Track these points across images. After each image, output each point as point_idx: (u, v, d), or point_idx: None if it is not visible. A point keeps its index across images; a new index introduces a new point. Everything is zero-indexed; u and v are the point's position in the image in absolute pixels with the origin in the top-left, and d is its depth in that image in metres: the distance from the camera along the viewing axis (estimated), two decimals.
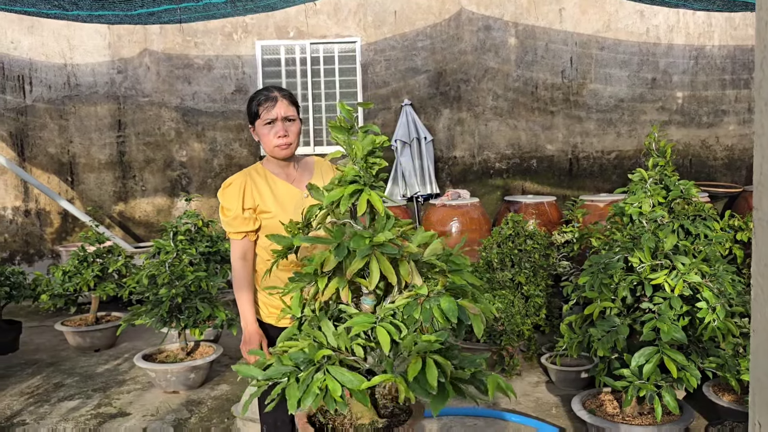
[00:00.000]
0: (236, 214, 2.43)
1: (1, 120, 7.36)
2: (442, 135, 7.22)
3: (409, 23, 7.10)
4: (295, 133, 2.44)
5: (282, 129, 2.40)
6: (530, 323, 4.29)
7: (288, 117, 2.41)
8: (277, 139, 2.40)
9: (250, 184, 2.45)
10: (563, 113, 7.12)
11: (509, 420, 3.62)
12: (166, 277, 4.12)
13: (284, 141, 2.41)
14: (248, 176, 2.48)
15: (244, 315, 2.49)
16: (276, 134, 2.39)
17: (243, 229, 2.44)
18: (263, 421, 2.60)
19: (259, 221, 2.46)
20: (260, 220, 2.46)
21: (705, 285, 2.91)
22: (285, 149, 2.43)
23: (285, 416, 2.57)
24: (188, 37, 7.25)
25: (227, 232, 2.49)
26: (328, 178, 2.54)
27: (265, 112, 2.39)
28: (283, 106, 2.40)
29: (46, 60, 7.31)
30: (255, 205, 2.44)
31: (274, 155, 2.46)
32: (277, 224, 2.42)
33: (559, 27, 7.01)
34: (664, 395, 2.84)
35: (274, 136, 2.40)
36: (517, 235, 4.45)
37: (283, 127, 2.40)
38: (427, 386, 1.52)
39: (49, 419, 3.82)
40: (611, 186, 7.06)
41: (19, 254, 7.56)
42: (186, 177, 7.45)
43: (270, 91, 2.43)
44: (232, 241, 2.49)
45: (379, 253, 1.66)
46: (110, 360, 4.96)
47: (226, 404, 3.98)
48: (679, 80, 7.01)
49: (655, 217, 3.28)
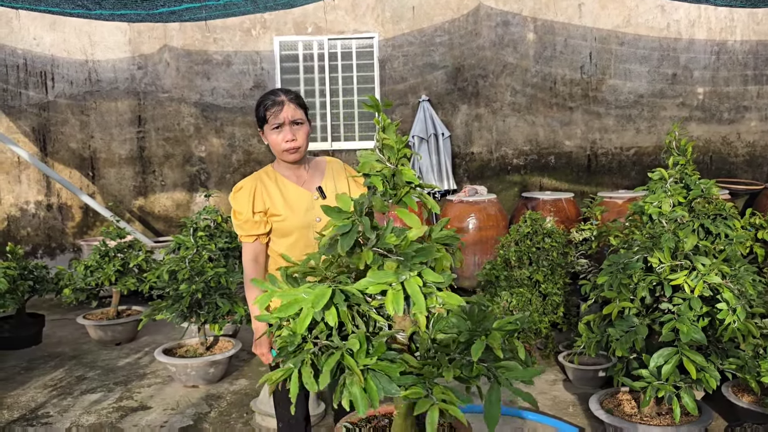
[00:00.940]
0: (247, 218, 2.44)
1: (23, 115, 7.48)
2: (459, 131, 7.21)
3: (427, 19, 7.09)
4: (303, 137, 2.43)
5: (290, 133, 2.39)
6: (548, 321, 4.29)
7: (296, 120, 2.40)
8: (286, 143, 2.39)
9: (260, 188, 2.47)
10: (582, 109, 7.07)
11: (526, 418, 3.63)
12: (186, 273, 4.17)
13: (292, 145, 2.40)
14: (258, 180, 2.49)
15: (254, 317, 2.52)
16: (284, 138, 2.39)
17: (253, 232, 2.46)
18: (279, 418, 2.64)
19: (270, 224, 2.47)
20: (271, 222, 2.47)
21: (725, 286, 2.88)
22: (294, 153, 2.42)
23: (300, 414, 2.61)
24: (207, 33, 7.30)
25: (239, 236, 2.51)
26: (340, 178, 2.55)
27: (272, 117, 2.38)
28: (290, 109, 2.38)
29: (67, 56, 7.40)
30: (265, 208, 2.45)
31: (283, 159, 2.46)
32: (287, 227, 2.45)
33: (579, 22, 6.95)
34: (682, 396, 2.83)
35: (282, 140, 2.39)
36: (535, 233, 4.44)
37: (291, 131, 2.39)
38: None
39: (72, 412, 3.90)
40: (630, 182, 7.00)
41: (41, 248, 7.68)
42: (205, 172, 7.51)
43: (277, 95, 2.41)
44: (244, 244, 2.51)
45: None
46: (131, 354, 5.04)
47: (245, 399, 4.03)
48: (700, 76, 6.92)
49: (675, 217, 3.25)
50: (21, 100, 7.45)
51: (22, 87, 7.44)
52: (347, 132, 7.34)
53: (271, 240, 2.51)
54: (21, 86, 7.44)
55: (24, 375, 4.58)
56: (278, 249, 2.48)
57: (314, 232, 2.43)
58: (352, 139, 7.36)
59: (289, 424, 2.60)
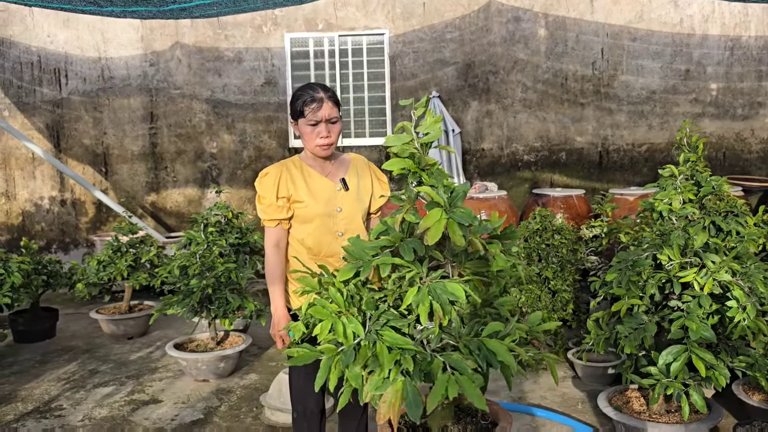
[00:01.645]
0: (270, 202, 2.52)
1: (38, 112, 7.56)
2: (470, 127, 7.20)
3: (438, 15, 7.07)
4: (336, 134, 2.51)
5: (325, 130, 2.47)
6: (557, 318, 4.28)
7: (331, 119, 2.47)
8: (320, 139, 2.48)
9: (285, 175, 2.54)
10: (593, 105, 7.03)
11: (536, 415, 3.63)
12: (197, 268, 4.21)
13: (326, 141, 2.48)
14: (284, 167, 2.56)
15: (273, 300, 2.58)
16: (319, 134, 2.47)
17: (276, 216, 2.52)
18: (294, 408, 2.67)
19: (293, 210, 2.54)
20: (293, 209, 2.54)
21: (735, 283, 2.86)
22: (326, 149, 2.51)
23: (315, 406, 2.63)
24: (219, 30, 7.33)
25: (262, 220, 2.58)
26: (363, 175, 2.63)
27: (310, 113, 2.44)
28: (328, 108, 2.45)
29: (81, 53, 7.47)
30: (289, 194, 2.52)
31: (314, 153, 2.54)
32: (309, 213, 2.52)
33: (591, 18, 6.91)
34: (691, 394, 2.82)
35: (317, 136, 2.47)
36: (545, 229, 4.43)
37: (326, 129, 2.47)
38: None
39: (85, 405, 3.95)
40: (642, 179, 6.96)
41: (55, 243, 7.77)
42: (216, 168, 7.56)
43: (316, 91, 2.46)
44: (267, 230, 2.58)
45: None
46: (143, 348, 5.09)
47: (254, 393, 4.06)
48: (713, 71, 6.86)
49: (685, 214, 3.24)
50: (35, 96, 7.53)
51: (36, 84, 7.52)
52: (357, 129, 7.35)
53: (293, 226, 2.58)
54: (35, 83, 7.52)
55: (38, 368, 4.65)
56: (298, 235, 2.56)
57: (334, 221, 2.53)
58: (362, 135, 7.37)
59: (305, 414, 2.64)
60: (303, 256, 2.55)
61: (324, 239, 2.53)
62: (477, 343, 1.77)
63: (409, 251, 1.81)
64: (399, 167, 1.86)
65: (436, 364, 1.68)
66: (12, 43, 7.48)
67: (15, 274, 4.63)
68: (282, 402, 3.57)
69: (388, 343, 1.71)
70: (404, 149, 1.87)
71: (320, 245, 2.54)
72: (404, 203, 1.88)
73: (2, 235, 7.78)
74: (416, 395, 1.64)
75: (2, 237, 7.77)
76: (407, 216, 1.85)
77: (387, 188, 2.70)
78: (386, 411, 1.63)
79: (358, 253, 1.90)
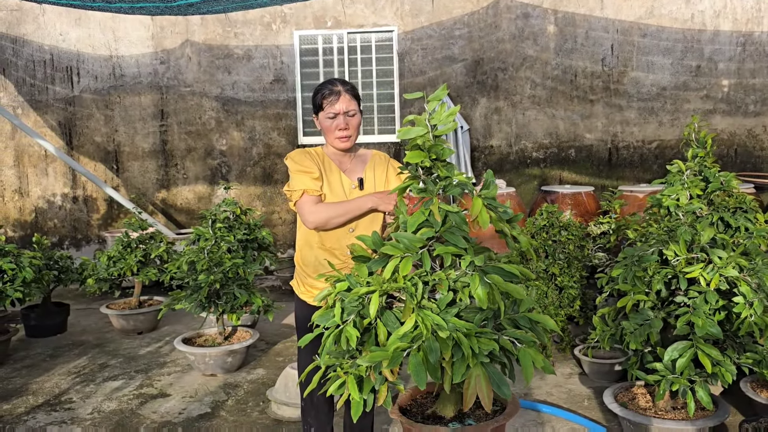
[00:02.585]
0: (314, 175, 2.49)
1: (50, 110, 7.64)
2: (478, 124, 7.18)
3: (447, 11, 7.06)
4: (355, 126, 2.56)
5: (343, 123, 2.53)
6: (564, 314, 4.27)
7: (349, 112, 2.53)
8: (339, 131, 2.53)
9: (315, 157, 2.58)
10: (603, 102, 6.99)
11: (543, 411, 3.62)
12: (204, 264, 4.24)
13: (344, 134, 2.54)
14: (309, 153, 2.61)
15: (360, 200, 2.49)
16: (337, 127, 2.52)
17: (318, 187, 2.50)
18: (303, 398, 2.70)
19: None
20: None
21: (742, 279, 2.84)
22: (345, 141, 2.55)
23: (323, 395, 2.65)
24: (228, 27, 7.37)
25: (306, 189, 2.49)
26: (379, 169, 2.66)
27: (328, 105, 2.51)
28: (345, 100, 2.52)
29: (92, 52, 7.54)
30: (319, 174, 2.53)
31: (334, 146, 2.59)
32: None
33: (600, 14, 6.87)
34: (697, 390, 2.81)
35: (335, 128, 2.53)
36: (552, 225, 4.42)
37: (344, 121, 2.53)
38: None
39: (94, 398, 3.99)
40: (652, 176, 6.91)
41: (67, 239, 7.85)
42: (226, 165, 7.60)
43: (334, 84, 2.54)
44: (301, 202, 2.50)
45: None
46: (152, 343, 5.14)
47: (261, 388, 4.08)
48: (725, 68, 6.80)
49: (692, 209, 3.22)
50: (48, 94, 7.61)
51: (48, 82, 7.60)
52: (366, 126, 7.36)
53: None
54: (48, 81, 7.60)
55: (49, 362, 4.70)
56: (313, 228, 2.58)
57: None
58: (371, 132, 7.38)
59: (312, 402, 2.67)
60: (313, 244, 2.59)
61: (334, 233, 2.55)
62: (525, 318, 1.91)
63: (460, 239, 1.88)
64: (418, 159, 1.90)
65: (503, 342, 1.81)
66: (25, 41, 7.56)
67: (26, 269, 4.68)
68: (288, 396, 3.59)
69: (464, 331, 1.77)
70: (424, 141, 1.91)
71: (329, 237, 2.56)
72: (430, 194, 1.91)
73: (16, 231, 7.87)
74: (501, 376, 1.79)
75: (16, 233, 7.87)
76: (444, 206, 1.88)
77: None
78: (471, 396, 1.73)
79: (406, 245, 1.92)
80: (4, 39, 7.58)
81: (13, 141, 7.75)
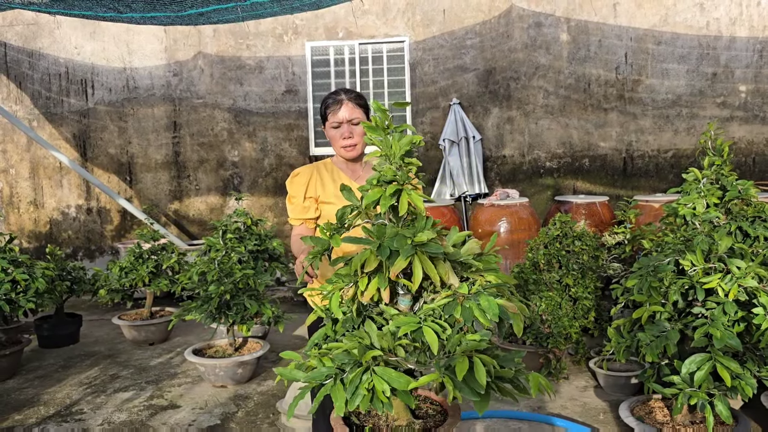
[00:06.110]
0: (297, 202, 2.58)
1: (65, 122, 7.71)
2: (491, 134, 7.14)
3: (458, 21, 7.05)
4: (360, 135, 2.53)
5: (347, 131, 2.51)
6: (578, 326, 4.19)
7: (353, 120, 2.51)
8: (343, 140, 2.52)
9: (315, 176, 2.59)
10: (617, 110, 6.92)
11: (557, 425, 3.55)
12: (215, 274, 4.22)
13: (349, 142, 2.52)
14: (315, 169, 2.62)
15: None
16: (341, 135, 2.51)
17: (301, 216, 2.59)
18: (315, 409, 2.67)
19: (320, 211, 2.58)
20: (321, 210, 2.58)
21: (762, 290, 2.77)
22: (350, 150, 2.54)
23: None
24: (240, 39, 7.41)
25: (289, 218, 2.64)
26: None
27: (331, 114, 2.51)
28: (348, 109, 2.50)
29: (106, 64, 7.61)
30: (316, 195, 2.56)
31: (341, 155, 2.58)
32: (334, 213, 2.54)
33: (614, 22, 6.82)
34: (716, 404, 2.73)
35: (340, 137, 2.52)
36: (565, 235, 4.35)
37: (348, 130, 2.51)
38: (476, 385, 1.51)
39: (105, 409, 3.98)
40: (668, 186, 6.82)
41: (81, 250, 7.90)
42: (238, 176, 7.62)
43: (337, 93, 2.53)
44: (294, 227, 2.64)
45: (422, 252, 1.65)
46: (163, 353, 5.12)
47: (272, 399, 4.05)
48: (741, 75, 6.71)
49: (709, 218, 3.14)
50: (63, 107, 7.69)
51: (63, 95, 7.68)
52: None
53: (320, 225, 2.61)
54: (63, 94, 7.68)
55: (61, 372, 4.70)
56: None
57: None
58: None
59: (324, 415, 2.64)
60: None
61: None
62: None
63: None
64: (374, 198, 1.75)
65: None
66: (41, 55, 7.65)
67: (39, 279, 4.69)
68: (298, 409, 3.55)
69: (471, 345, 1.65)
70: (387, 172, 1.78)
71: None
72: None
73: (31, 242, 7.93)
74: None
75: (31, 244, 7.93)
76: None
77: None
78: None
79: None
80: (21, 53, 7.68)
81: (29, 153, 7.83)
